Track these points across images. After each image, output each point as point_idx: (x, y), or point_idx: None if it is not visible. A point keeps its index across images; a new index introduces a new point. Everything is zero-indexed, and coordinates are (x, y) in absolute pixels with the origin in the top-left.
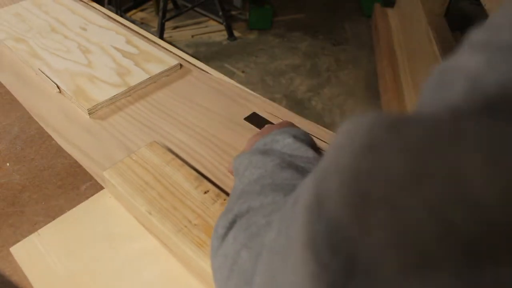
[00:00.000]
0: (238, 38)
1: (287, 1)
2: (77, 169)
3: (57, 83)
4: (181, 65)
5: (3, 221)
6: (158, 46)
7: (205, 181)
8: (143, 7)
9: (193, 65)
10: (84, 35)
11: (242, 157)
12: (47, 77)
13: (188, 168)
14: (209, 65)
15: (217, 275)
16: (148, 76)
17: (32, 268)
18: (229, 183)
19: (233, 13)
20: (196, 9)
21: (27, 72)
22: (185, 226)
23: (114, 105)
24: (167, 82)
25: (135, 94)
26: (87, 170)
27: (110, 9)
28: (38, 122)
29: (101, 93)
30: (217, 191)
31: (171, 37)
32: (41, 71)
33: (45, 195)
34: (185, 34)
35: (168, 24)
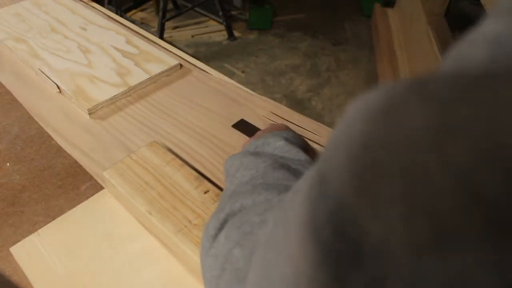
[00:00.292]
0: (238, 38)
1: (287, 1)
2: (77, 169)
3: (57, 83)
4: (181, 65)
5: (3, 221)
6: (158, 46)
7: (205, 181)
8: (143, 7)
9: (193, 65)
10: (84, 35)
11: (233, 158)
12: (47, 77)
13: (188, 168)
14: (209, 65)
15: (207, 275)
16: (148, 76)
17: (32, 268)
18: None
19: (233, 13)
20: (196, 9)
21: (27, 72)
22: (185, 226)
23: (114, 105)
24: (167, 82)
25: (135, 94)
26: (87, 170)
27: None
28: (38, 122)
29: (101, 93)
30: (217, 191)
31: (171, 37)
32: (41, 71)
33: (45, 195)
34: (185, 34)
35: (168, 24)
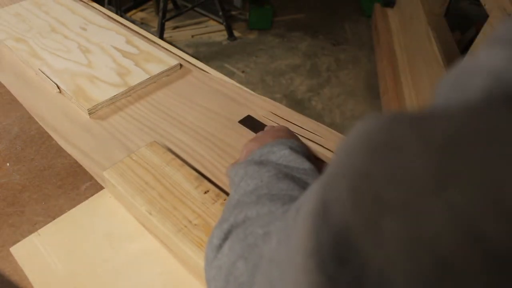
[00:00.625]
0: (238, 38)
1: (287, 1)
2: (77, 169)
3: (57, 83)
4: (181, 65)
5: (3, 221)
6: (158, 46)
7: (205, 181)
8: (143, 7)
9: (193, 65)
10: (84, 35)
11: (237, 167)
12: (47, 77)
13: (188, 168)
14: (209, 65)
15: (212, 285)
16: (148, 76)
17: (32, 268)
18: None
19: (233, 13)
20: (196, 9)
21: (27, 72)
22: (185, 226)
23: (114, 105)
24: (167, 82)
25: (135, 94)
26: (87, 170)
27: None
28: (38, 122)
29: (101, 93)
30: (217, 191)
31: (171, 37)
32: (41, 71)
33: (45, 195)
34: (185, 34)
35: (168, 24)
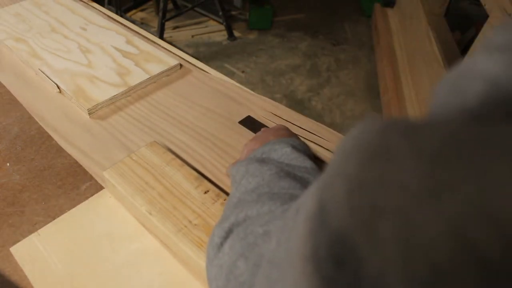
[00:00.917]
0: (238, 38)
1: (287, 1)
2: (77, 169)
3: (57, 83)
4: (181, 65)
5: (3, 221)
6: (158, 46)
7: (205, 181)
8: (143, 7)
9: (193, 65)
10: (84, 35)
11: (239, 165)
12: (47, 77)
13: (188, 168)
14: (209, 65)
15: (213, 284)
16: (148, 76)
17: (32, 268)
18: (229, 183)
19: (233, 13)
20: (196, 9)
21: (27, 72)
22: (185, 226)
23: (114, 105)
24: (167, 82)
25: (135, 94)
26: (87, 170)
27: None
28: (38, 122)
29: (101, 93)
30: (217, 191)
31: (171, 37)
32: (41, 71)
33: (45, 195)
34: (185, 34)
35: (168, 24)
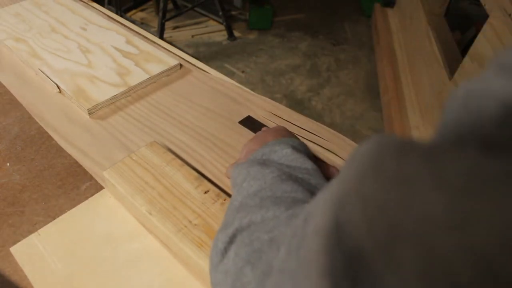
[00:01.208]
0: (238, 38)
1: (287, 1)
2: (77, 169)
3: (57, 83)
4: (181, 65)
5: (3, 221)
6: (158, 46)
7: (205, 181)
8: (143, 7)
9: (193, 65)
10: (84, 35)
11: (240, 167)
12: (47, 77)
13: (188, 168)
14: (209, 65)
15: None
16: (148, 76)
17: (32, 268)
18: (229, 183)
19: (233, 13)
20: (196, 9)
21: (27, 72)
22: (185, 226)
23: (114, 105)
24: (167, 82)
25: (135, 94)
26: (87, 170)
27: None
28: (38, 122)
29: (101, 93)
30: (217, 191)
31: (171, 37)
32: (41, 71)
33: (45, 195)
34: (185, 34)
35: (168, 24)
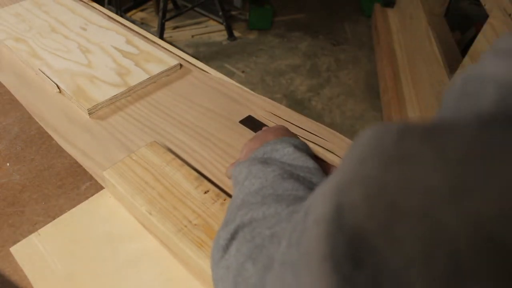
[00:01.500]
0: (238, 38)
1: (287, 1)
2: (77, 169)
3: (57, 83)
4: (181, 65)
5: (3, 221)
6: (158, 46)
7: (205, 181)
8: (143, 7)
9: (193, 65)
10: (84, 35)
11: (241, 166)
12: (47, 77)
13: (188, 168)
14: (209, 65)
15: (219, 285)
16: (148, 76)
17: (32, 268)
18: (229, 183)
19: (233, 13)
20: (196, 9)
21: (27, 72)
22: (185, 226)
23: (114, 105)
24: (167, 82)
25: (135, 94)
26: (87, 170)
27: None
28: (38, 122)
29: (101, 93)
30: (217, 191)
31: (171, 37)
32: (41, 71)
33: (45, 195)
34: (185, 34)
35: (168, 24)
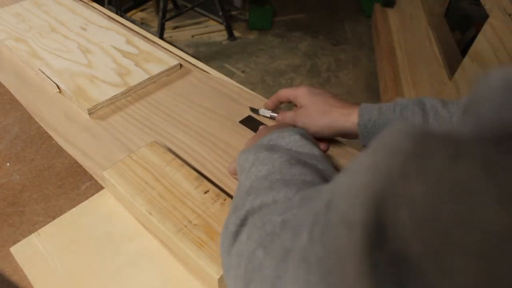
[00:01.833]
0: (238, 38)
1: (287, 1)
2: (77, 169)
3: (57, 83)
4: (181, 65)
5: (3, 221)
6: (158, 46)
7: (205, 181)
8: (143, 7)
9: (193, 65)
10: (84, 35)
11: (247, 153)
12: (47, 77)
13: (188, 168)
14: (209, 65)
15: (231, 272)
16: (148, 76)
17: (32, 268)
18: (229, 183)
19: (233, 13)
20: (196, 9)
21: (27, 72)
22: (185, 226)
23: (114, 105)
24: (167, 82)
25: (135, 94)
26: (87, 170)
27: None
28: (38, 122)
29: (101, 93)
30: (217, 191)
31: (171, 37)
32: (41, 71)
33: (45, 195)
34: (185, 34)
35: (168, 24)
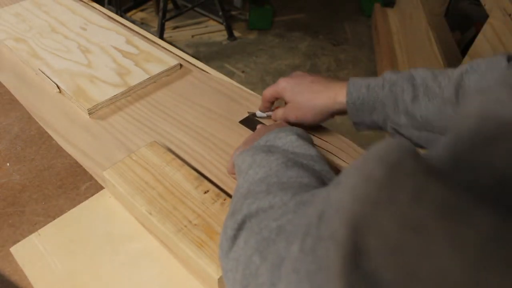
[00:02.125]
0: (238, 38)
1: (287, 1)
2: (77, 169)
3: (57, 83)
4: (181, 65)
5: (3, 221)
6: (158, 46)
7: (205, 181)
8: (143, 7)
9: (193, 65)
10: (84, 35)
11: (244, 155)
12: (47, 77)
13: (188, 168)
14: (209, 65)
15: (229, 275)
16: (148, 76)
17: (32, 268)
18: (229, 183)
19: (233, 13)
20: (196, 9)
21: (27, 72)
22: (185, 226)
23: (114, 105)
24: (167, 82)
25: (135, 94)
26: (87, 170)
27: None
28: (38, 122)
29: (101, 93)
30: (217, 191)
31: (171, 37)
32: (41, 71)
33: (45, 195)
34: (185, 34)
35: (168, 24)
